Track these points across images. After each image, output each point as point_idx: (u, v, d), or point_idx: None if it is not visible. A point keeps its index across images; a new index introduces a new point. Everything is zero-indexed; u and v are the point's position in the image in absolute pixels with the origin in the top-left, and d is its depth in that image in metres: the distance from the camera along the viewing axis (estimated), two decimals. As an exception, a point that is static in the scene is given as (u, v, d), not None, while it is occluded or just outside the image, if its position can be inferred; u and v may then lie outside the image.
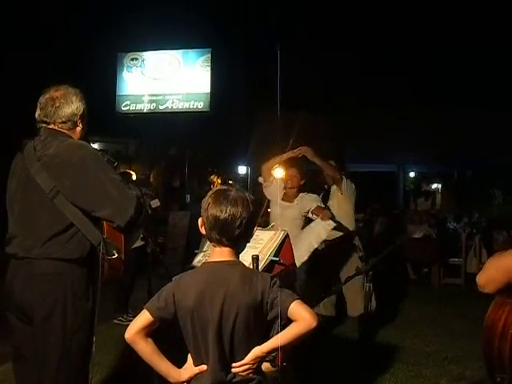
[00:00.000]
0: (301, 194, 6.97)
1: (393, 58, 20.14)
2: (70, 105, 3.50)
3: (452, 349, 6.68)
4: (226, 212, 2.57)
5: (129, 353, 2.75)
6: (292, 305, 2.52)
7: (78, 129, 3.54)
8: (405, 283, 11.36)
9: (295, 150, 6.93)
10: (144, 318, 2.60)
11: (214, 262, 2.65)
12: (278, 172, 7.96)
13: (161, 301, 2.60)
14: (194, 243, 11.40)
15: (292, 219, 6.58)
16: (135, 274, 8.17)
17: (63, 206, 3.26)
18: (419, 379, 5.78)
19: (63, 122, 3.48)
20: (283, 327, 2.59)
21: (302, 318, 2.51)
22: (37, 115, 3.53)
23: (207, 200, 2.63)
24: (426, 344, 6.97)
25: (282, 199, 6.86)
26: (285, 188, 7.01)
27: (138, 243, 7.69)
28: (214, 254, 2.66)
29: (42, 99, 3.52)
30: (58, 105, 3.47)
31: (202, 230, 2.68)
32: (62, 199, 3.26)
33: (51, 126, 3.48)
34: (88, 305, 3.38)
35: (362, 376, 5.55)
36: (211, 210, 2.59)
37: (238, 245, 2.67)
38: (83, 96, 3.61)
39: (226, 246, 2.63)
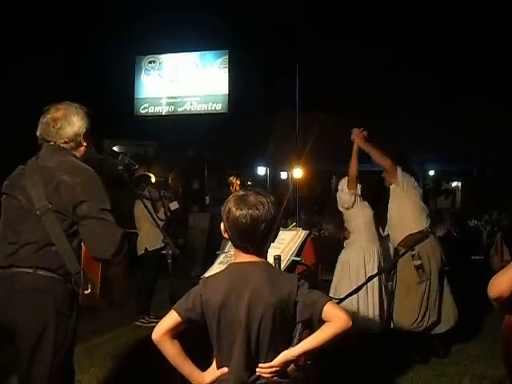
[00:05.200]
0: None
1: (412, 55, 20.03)
2: (71, 125, 3.46)
3: (475, 348, 6.65)
4: (247, 218, 2.55)
5: (152, 354, 2.76)
6: (326, 305, 2.51)
7: (82, 148, 3.53)
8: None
9: (355, 140, 6.77)
10: (172, 318, 2.61)
11: (239, 262, 2.65)
12: (297, 172, 7.96)
13: (189, 302, 2.61)
14: (213, 244, 11.46)
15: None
16: (156, 276, 8.20)
17: (50, 227, 3.24)
18: (442, 378, 5.75)
19: (65, 142, 3.46)
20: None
21: (337, 317, 2.50)
22: (38, 133, 3.51)
23: (228, 206, 2.61)
24: (449, 343, 6.94)
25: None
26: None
27: (159, 245, 7.73)
28: (238, 255, 2.66)
29: (43, 119, 3.50)
30: (59, 126, 3.44)
31: (225, 236, 2.67)
32: (51, 219, 3.24)
33: (52, 144, 3.47)
34: (70, 323, 3.34)
35: (386, 375, 5.53)
36: (232, 216, 2.58)
37: (262, 247, 2.67)
38: (85, 112, 3.58)
39: (250, 250, 2.63)
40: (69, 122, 3.45)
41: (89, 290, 3.32)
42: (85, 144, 3.53)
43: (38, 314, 3.21)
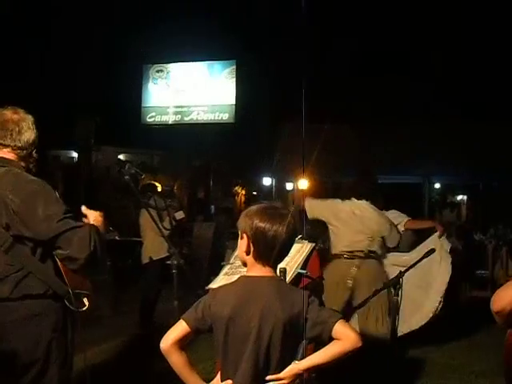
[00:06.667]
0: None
1: (418, 68, 20.07)
2: (32, 131, 3.26)
3: (479, 362, 6.61)
4: (277, 231, 2.55)
5: (154, 363, 2.76)
6: (337, 324, 2.50)
7: (31, 159, 3.31)
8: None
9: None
10: (181, 328, 2.60)
11: (251, 276, 2.65)
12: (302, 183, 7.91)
13: (198, 312, 2.60)
14: (218, 254, 11.47)
15: None
16: (160, 287, 8.17)
17: (20, 259, 3.07)
18: (446, 393, 5.73)
19: (21, 148, 3.24)
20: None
21: (347, 337, 2.49)
22: None
23: (255, 219, 2.59)
24: (453, 357, 6.91)
25: None
26: None
27: (163, 254, 7.72)
28: (252, 268, 2.65)
29: None
30: (19, 128, 3.22)
31: (248, 248, 2.64)
32: (18, 251, 3.06)
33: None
34: (69, 337, 3.27)
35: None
36: (261, 229, 2.56)
37: (279, 262, 2.68)
38: None
39: (268, 263, 2.63)
40: (29, 127, 3.27)
41: (86, 306, 3.24)
42: (35, 156, 3.33)
43: (37, 340, 3.13)
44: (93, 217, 3.31)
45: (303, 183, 11.87)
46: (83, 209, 3.34)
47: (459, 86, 19.67)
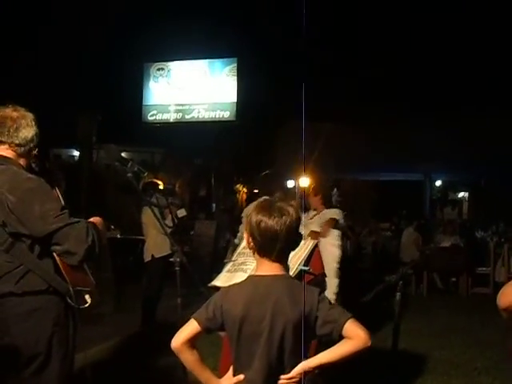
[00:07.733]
0: (324, 211, 7.30)
1: (418, 64, 20.04)
2: (31, 128, 3.27)
3: (481, 359, 6.61)
4: (273, 226, 2.55)
5: (154, 362, 2.76)
6: (347, 323, 2.51)
7: (29, 157, 3.32)
8: (432, 293, 11.28)
9: None
10: (192, 327, 2.61)
11: (261, 275, 2.65)
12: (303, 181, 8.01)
13: (209, 311, 2.61)
14: (219, 252, 11.48)
15: None
16: (162, 283, 8.15)
17: (21, 258, 3.09)
18: (449, 389, 5.73)
19: (19, 145, 3.25)
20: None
21: (357, 336, 2.49)
22: None
23: (252, 213, 2.61)
24: (455, 354, 6.90)
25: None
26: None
27: (166, 252, 7.71)
28: (261, 266, 2.66)
29: None
30: (17, 125, 3.23)
31: (248, 244, 2.66)
32: (18, 250, 3.09)
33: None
34: (70, 332, 3.29)
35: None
36: (258, 224, 2.57)
37: (285, 256, 2.68)
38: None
39: (273, 259, 2.62)
40: (28, 124, 3.27)
41: (88, 303, 3.26)
42: (34, 152, 3.34)
43: (38, 334, 3.16)
44: (93, 219, 3.34)
45: (304, 181, 11.90)
46: None
47: (460, 83, 19.63)
